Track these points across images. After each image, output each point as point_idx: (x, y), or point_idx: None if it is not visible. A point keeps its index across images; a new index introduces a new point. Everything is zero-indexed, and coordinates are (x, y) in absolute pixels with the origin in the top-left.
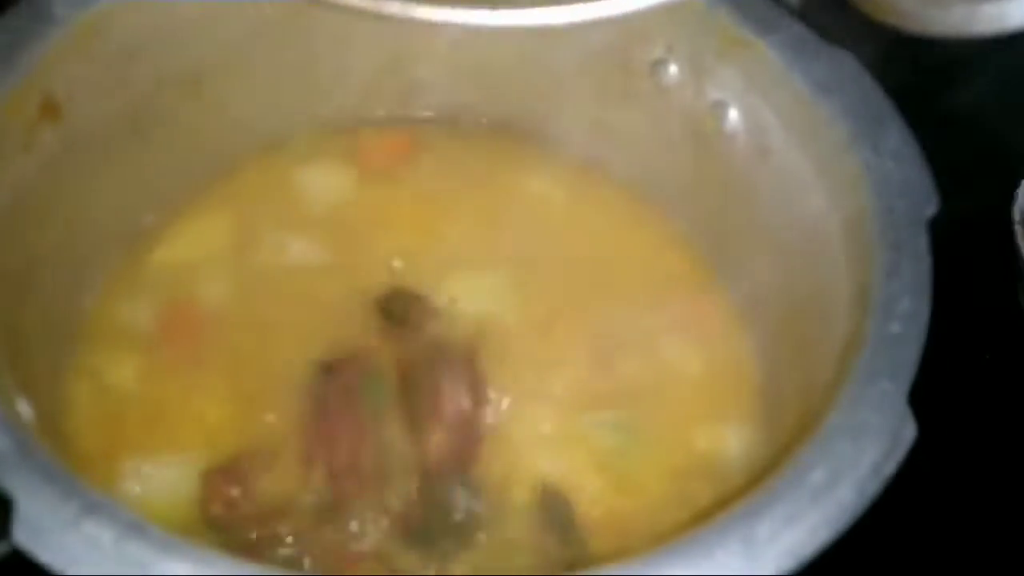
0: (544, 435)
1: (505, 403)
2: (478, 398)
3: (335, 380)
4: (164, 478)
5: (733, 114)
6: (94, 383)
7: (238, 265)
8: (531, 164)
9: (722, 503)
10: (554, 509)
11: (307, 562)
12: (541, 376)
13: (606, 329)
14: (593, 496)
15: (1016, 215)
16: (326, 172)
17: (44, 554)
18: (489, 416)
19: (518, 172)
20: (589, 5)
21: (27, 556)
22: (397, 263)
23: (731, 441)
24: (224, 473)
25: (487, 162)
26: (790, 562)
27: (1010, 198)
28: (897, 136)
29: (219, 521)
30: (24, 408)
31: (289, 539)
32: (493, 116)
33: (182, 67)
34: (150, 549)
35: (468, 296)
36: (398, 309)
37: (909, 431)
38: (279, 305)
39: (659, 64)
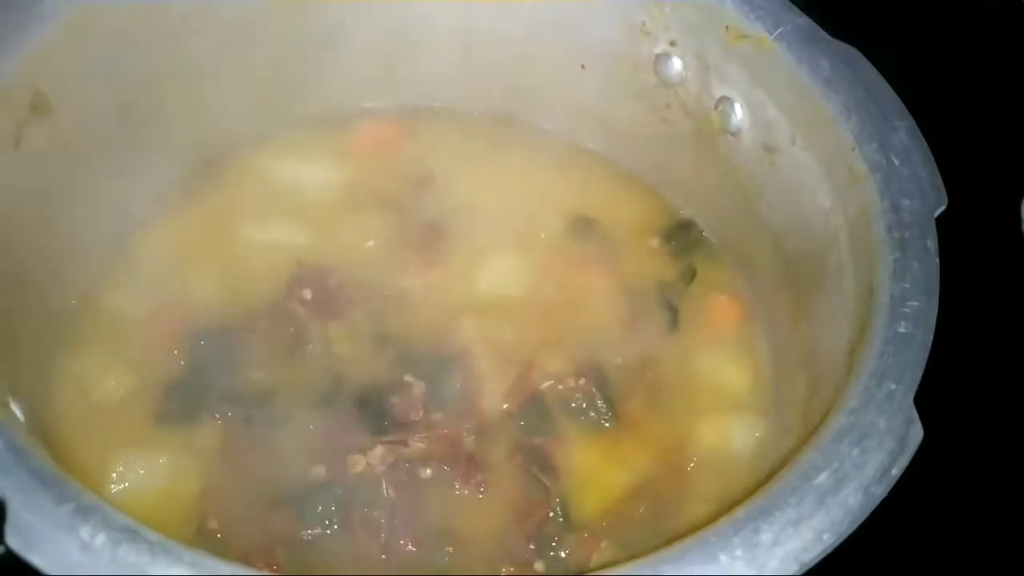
0: None
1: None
2: None
3: None
4: (155, 478)
5: (739, 110)
6: (82, 384)
7: (226, 258)
8: (528, 154)
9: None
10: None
11: None
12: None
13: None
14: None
15: None
16: (315, 165)
17: (37, 558)
18: None
19: (514, 162)
20: None
21: (22, 558)
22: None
23: (739, 436)
24: None
25: (482, 152)
26: (794, 567)
27: (1018, 197)
28: (905, 133)
29: (214, 535)
30: (16, 410)
31: None
32: (491, 107)
33: (172, 62)
34: (143, 552)
35: (458, 280)
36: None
37: (916, 433)
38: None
39: (663, 58)
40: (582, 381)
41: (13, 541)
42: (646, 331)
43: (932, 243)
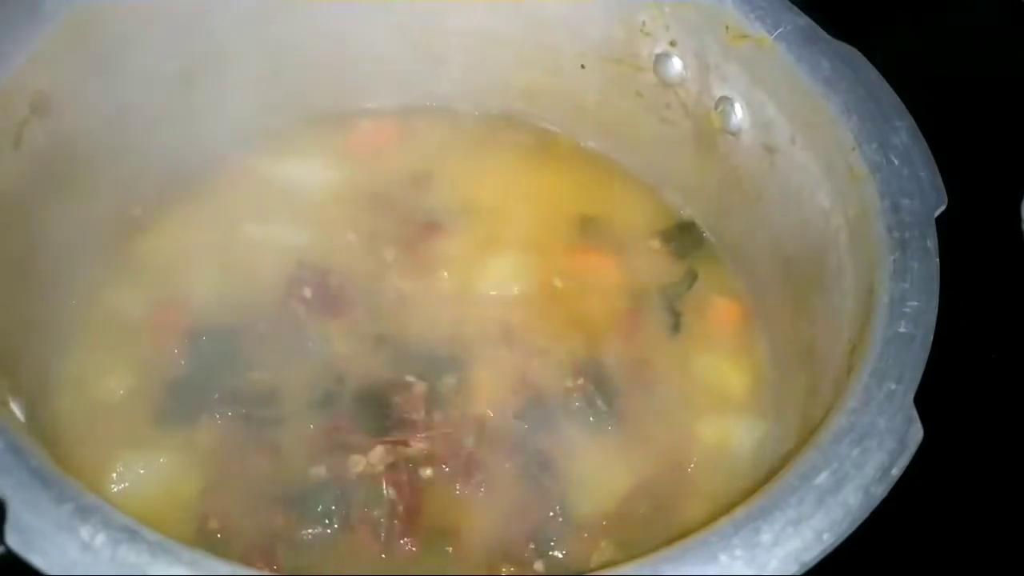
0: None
1: None
2: None
3: None
4: (155, 478)
5: (739, 110)
6: (82, 384)
7: (226, 257)
8: (528, 154)
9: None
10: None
11: None
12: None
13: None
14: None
15: None
16: (314, 165)
17: (37, 558)
18: None
19: (514, 162)
20: None
21: (22, 558)
22: (387, 255)
23: (739, 436)
24: None
25: (482, 152)
26: (794, 567)
27: (1018, 197)
28: (905, 134)
29: (214, 535)
30: (16, 410)
31: None
32: (491, 107)
33: (172, 62)
34: (143, 552)
35: (458, 280)
36: None
37: (916, 433)
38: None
39: (663, 58)
40: (581, 381)
41: (13, 541)
42: (646, 331)
43: (932, 243)
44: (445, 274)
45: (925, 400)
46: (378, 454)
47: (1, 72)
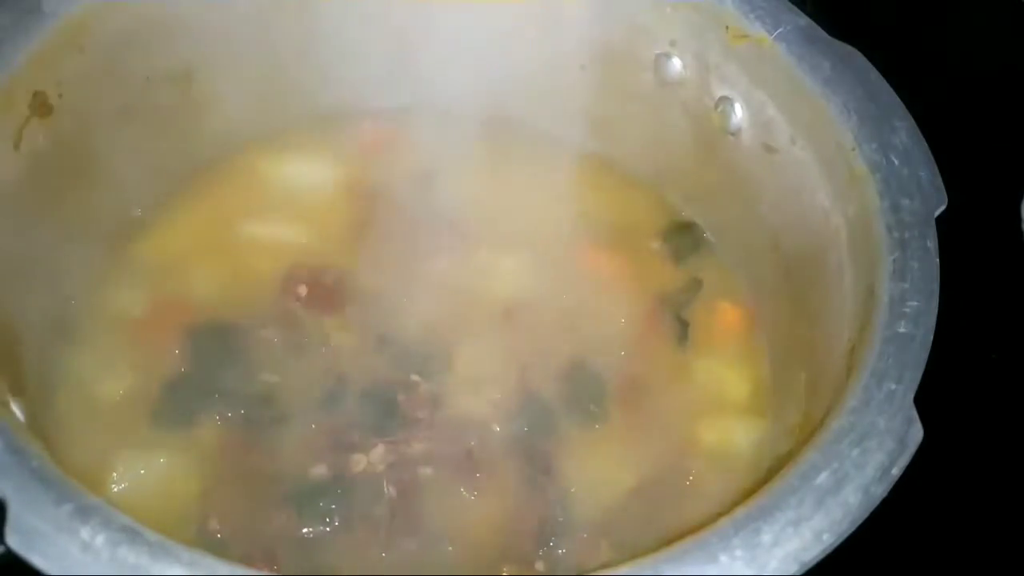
0: None
1: None
2: None
3: None
4: (155, 478)
5: (739, 110)
6: (82, 384)
7: (225, 257)
8: (528, 155)
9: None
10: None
11: None
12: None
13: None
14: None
15: None
16: (314, 164)
17: (37, 558)
18: None
19: (514, 163)
20: None
21: (22, 558)
22: (385, 255)
23: (739, 437)
24: None
25: (481, 152)
26: (794, 567)
27: (1018, 197)
28: (905, 134)
29: (214, 535)
30: (16, 410)
31: None
32: (490, 108)
33: (172, 62)
34: (143, 553)
35: (457, 280)
36: None
37: (916, 433)
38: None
39: (663, 58)
40: (582, 381)
41: (13, 541)
42: (647, 332)
43: (932, 243)
44: (444, 274)
45: (925, 400)
46: (379, 453)
47: (1, 72)
